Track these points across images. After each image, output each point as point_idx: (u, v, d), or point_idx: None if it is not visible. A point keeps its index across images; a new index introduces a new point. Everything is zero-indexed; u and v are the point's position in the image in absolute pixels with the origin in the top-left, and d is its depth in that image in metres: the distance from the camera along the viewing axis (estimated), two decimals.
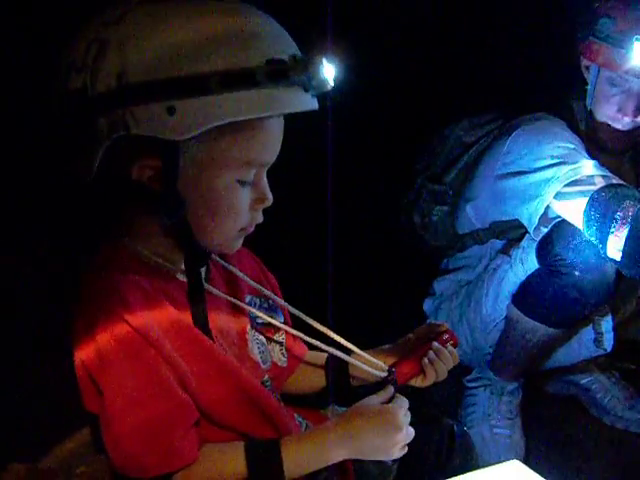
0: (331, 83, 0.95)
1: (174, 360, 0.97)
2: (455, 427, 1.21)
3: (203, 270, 1.08)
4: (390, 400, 1.07)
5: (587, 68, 1.63)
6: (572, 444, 1.81)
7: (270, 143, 0.97)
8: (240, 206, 0.98)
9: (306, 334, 1.12)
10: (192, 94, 0.88)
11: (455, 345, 1.18)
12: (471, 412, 1.78)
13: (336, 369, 1.19)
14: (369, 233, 2.24)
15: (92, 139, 0.91)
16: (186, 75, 0.88)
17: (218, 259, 1.11)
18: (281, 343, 1.18)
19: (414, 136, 1.95)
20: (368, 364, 1.14)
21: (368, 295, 2.10)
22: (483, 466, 1.41)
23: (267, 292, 1.15)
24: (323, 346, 1.12)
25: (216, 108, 0.88)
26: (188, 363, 0.98)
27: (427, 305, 1.88)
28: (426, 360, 1.15)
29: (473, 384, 1.82)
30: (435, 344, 1.16)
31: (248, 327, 1.11)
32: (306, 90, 0.93)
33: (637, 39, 1.47)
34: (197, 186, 0.95)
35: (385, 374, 1.13)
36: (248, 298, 1.15)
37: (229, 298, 1.07)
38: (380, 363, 1.14)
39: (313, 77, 0.92)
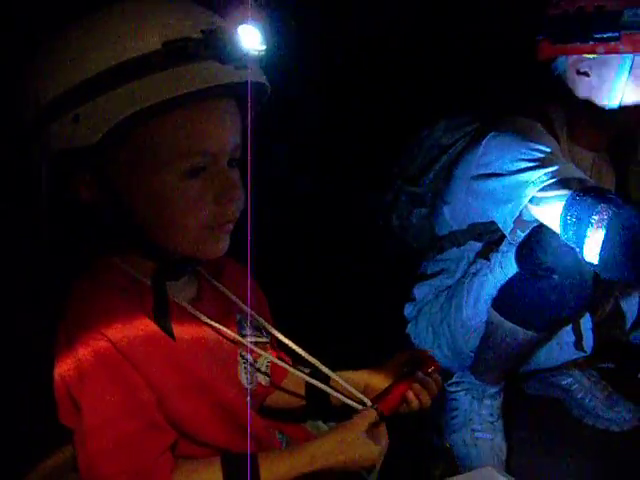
0: (254, 50, 0.91)
1: (153, 378, 0.95)
2: (434, 439, 1.20)
3: (194, 288, 1.07)
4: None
5: (592, 67, 1.58)
6: (554, 445, 1.81)
7: (209, 127, 0.92)
8: (195, 201, 0.93)
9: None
10: (90, 97, 0.87)
11: (438, 371, 1.16)
12: (453, 417, 1.77)
13: (317, 390, 1.16)
14: (347, 236, 2.25)
15: (33, 167, 0.94)
16: (83, 79, 0.87)
17: (208, 277, 1.09)
18: (267, 362, 1.16)
19: (390, 138, 1.96)
20: (350, 395, 1.12)
21: (348, 300, 2.11)
22: (463, 472, 1.43)
23: (260, 319, 1.14)
24: (306, 377, 1.11)
25: (117, 103, 0.86)
26: (168, 380, 0.97)
27: (407, 310, 1.88)
28: (411, 393, 1.11)
29: (454, 388, 1.81)
30: (420, 375, 1.12)
31: (236, 346, 1.10)
32: (223, 62, 0.89)
33: None
34: (142, 189, 0.92)
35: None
36: (238, 316, 1.13)
37: (213, 323, 1.04)
38: (364, 399, 1.11)
39: (224, 48, 0.89)
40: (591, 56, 1.56)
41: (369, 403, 1.10)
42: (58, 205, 0.96)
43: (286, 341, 1.13)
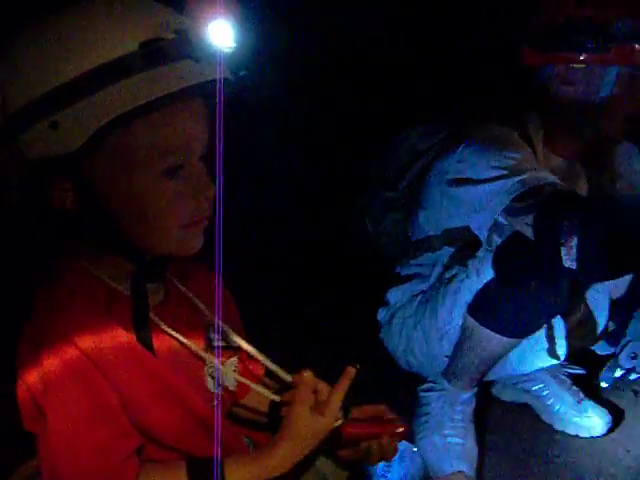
0: (227, 46, 0.92)
1: (121, 384, 0.95)
2: (403, 442, 1.20)
3: (161, 292, 1.06)
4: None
5: (574, 77, 1.58)
6: (525, 451, 1.82)
7: (184, 126, 0.92)
8: (174, 199, 0.93)
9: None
10: (69, 102, 0.85)
11: (405, 439, 1.16)
12: (425, 421, 1.78)
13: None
14: (320, 239, 2.25)
15: (4, 179, 0.91)
16: (58, 85, 0.85)
17: (175, 282, 1.09)
18: (234, 367, 1.15)
19: (365, 141, 1.96)
20: None
21: (320, 304, 2.10)
22: (433, 477, 1.43)
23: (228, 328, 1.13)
24: (269, 395, 1.11)
25: (98, 108, 0.85)
26: (135, 386, 0.96)
27: (381, 315, 1.87)
28: (373, 446, 1.09)
29: (426, 394, 1.81)
30: (385, 441, 1.09)
31: (203, 351, 1.08)
32: (197, 60, 0.89)
33: None
34: (121, 191, 0.92)
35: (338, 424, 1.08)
36: (206, 320, 1.12)
37: (174, 334, 1.03)
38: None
39: (198, 46, 0.89)
40: (578, 66, 1.57)
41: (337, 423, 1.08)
42: (28, 210, 0.95)
43: (252, 351, 1.12)
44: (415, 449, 1.38)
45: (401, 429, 1.12)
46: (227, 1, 0.99)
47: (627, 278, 1.82)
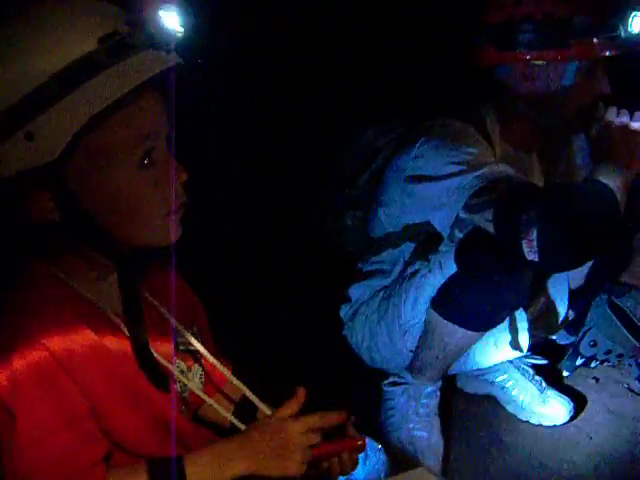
0: (179, 31, 0.91)
1: (89, 389, 0.94)
2: (366, 441, 1.21)
3: None
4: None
5: (543, 70, 1.59)
6: (490, 442, 1.84)
7: (148, 112, 0.92)
8: (154, 189, 0.94)
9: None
10: (39, 110, 0.83)
11: (363, 451, 1.17)
12: (390, 416, 1.79)
13: (246, 411, 1.17)
14: (281, 237, 2.24)
15: None
16: (26, 94, 0.83)
17: (141, 288, 1.08)
18: (200, 372, 1.16)
19: (323, 138, 1.96)
20: None
21: (281, 303, 2.10)
22: (398, 472, 1.44)
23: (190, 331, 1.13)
24: (228, 416, 1.12)
25: (70, 111, 0.83)
26: (104, 392, 0.96)
27: (343, 311, 1.87)
28: (334, 463, 1.12)
29: (391, 388, 1.82)
30: (345, 456, 1.13)
31: (171, 354, 1.09)
32: (156, 49, 0.89)
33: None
34: (102, 190, 0.91)
35: None
36: (173, 324, 1.12)
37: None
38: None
39: (155, 35, 0.88)
40: (539, 63, 1.58)
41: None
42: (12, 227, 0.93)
43: (213, 361, 1.13)
44: (379, 446, 1.39)
45: (359, 442, 1.14)
46: None
47: (585, 267, 1.84)
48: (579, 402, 1.95)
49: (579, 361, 1.96)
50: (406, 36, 2.00)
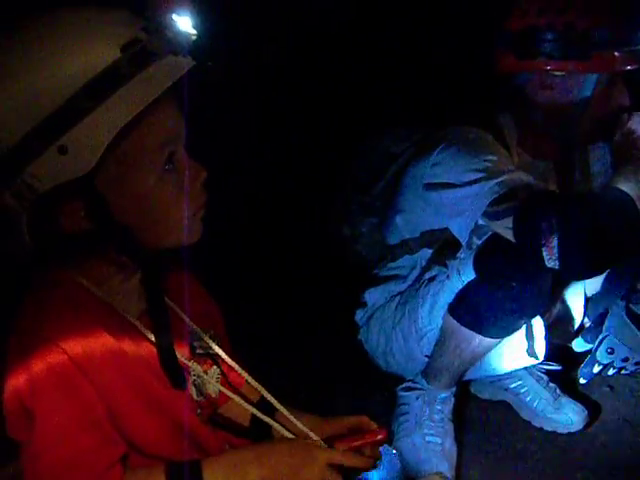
0: (193, 35, 0.94)
1: (106, 391, 0.95)
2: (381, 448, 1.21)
3: (144, 301, 1.05)
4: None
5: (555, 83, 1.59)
6: (503, 448, 1.84)
7: (170, 116, 0.94)
8: (179, 192, 0.95)
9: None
10: (71, 123, 0.84)
11: (384, 443, 1.17)
12: (403, 421, 1.79)
13: (264, 413, 1.15)
14: (298, 245, 2.24)
15: (10, 219, 0.88)
16: (56, 108, 0.84)
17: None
18: (217, 374, 1.17)
19: (339, 146, 1.96)
20: (295, 430, 1.12)
21: (298, 308, 2.10)
22: (413, 476, 1.43)
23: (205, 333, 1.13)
24: (251, 409, 1.12)
25: (102, 122, 0.84)
26: (122, 396, 0.97)
27: (359, 316, 1.88)
28: (357, 455, 1.10)
29: (405, 393, 1.82)
30: (368, 451, 1.12)
31: (187, 359, 1.09)
32: (176, 54, 0.90)
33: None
34: (131, 198, 0.92)
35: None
36: (189, 327, 1.12)
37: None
38: (310, 434, 1.11)
39: (175, 40, 0.90)
40: (558, 73, 1.57)
41: (316, 438, 1.11)
42: (39, 246, 0.92)
43: (232, 363, 1.13)
44: (394, 451, 1.39)
45: (380, 436, 1.14)
46: None
47: (601, 275, 1.84)
48: (593, 410, 1.94)
49: (596, 368, 1.94)
50: (423, 43, 1.99)
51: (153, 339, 1.03)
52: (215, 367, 1.16)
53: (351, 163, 1.88)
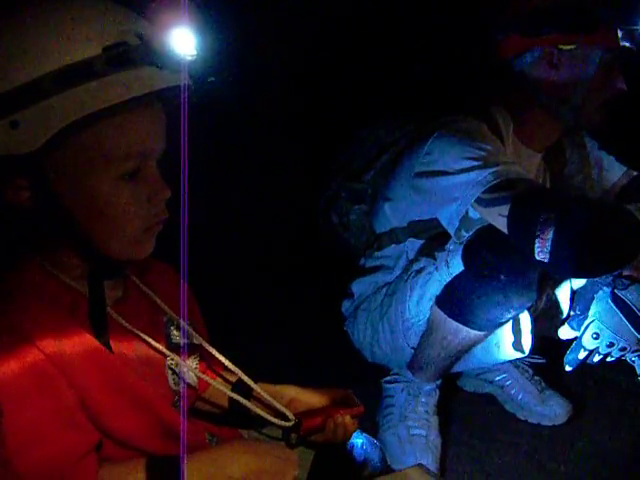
0: (188, 55, 0.92)
1: (79, 382, 0.93)
2: (364, 437, 1.21)
3: (120, 289, 1.05)
4: None
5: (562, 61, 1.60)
6: (488, 441, 1.84)
7: (144, 130, 0.92)
8: (134, 204, 0.94)
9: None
10: (29, 102, 0.85)
11: (360, 416, 1.17)
12: (388, 413, 1.78)
13: (241, 395, 1.15)
14: (284, 233, 2.23)
15: None
16: (19, 84, 0.85)
17: (134, 279, 1.08)
18: (195, 363, 1.16)
19: (330, 136, 1.95)
20: (273, 408, 1.13)
21: (284, 298, 2.09)
22: (396, 469, 1.43)
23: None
24: (227, 391, 1.13)
25: (59, 109, 0.84)
26: (99, 390, 0.95)
27: (345, 306, 1.86)
28: (332, 423, 1.12)
29: (391, 385, 1.81)
30: (348, 418, 1.13)
31: (164, 348, 1.07)
32: (160, 67, 0.89)
33: None
34: (81, 194, 0.91)
35: (290, 424, 1.11)
36: (166, 317, 1.12)
37: (134, 331, 1.02)
38: (286, 412, 1.12)
39: (162, 54, 0.89)
40: (566, 47, 1.58)
41: (291, 417, 1.12)
42: None
43: (210, 349, 1.12)
44: (377, 442, 1.38)
45: (359, 409, 1.15)
46: (188, 10, 0.98)
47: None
48: (578, 402, 1.95)
49: (582, 354, 1.94)
50: (416, 34, 1.98)
51: (127, 326, 1.01)
52: (193, 357, 1.16)
53: (343, 152, 1.87)
